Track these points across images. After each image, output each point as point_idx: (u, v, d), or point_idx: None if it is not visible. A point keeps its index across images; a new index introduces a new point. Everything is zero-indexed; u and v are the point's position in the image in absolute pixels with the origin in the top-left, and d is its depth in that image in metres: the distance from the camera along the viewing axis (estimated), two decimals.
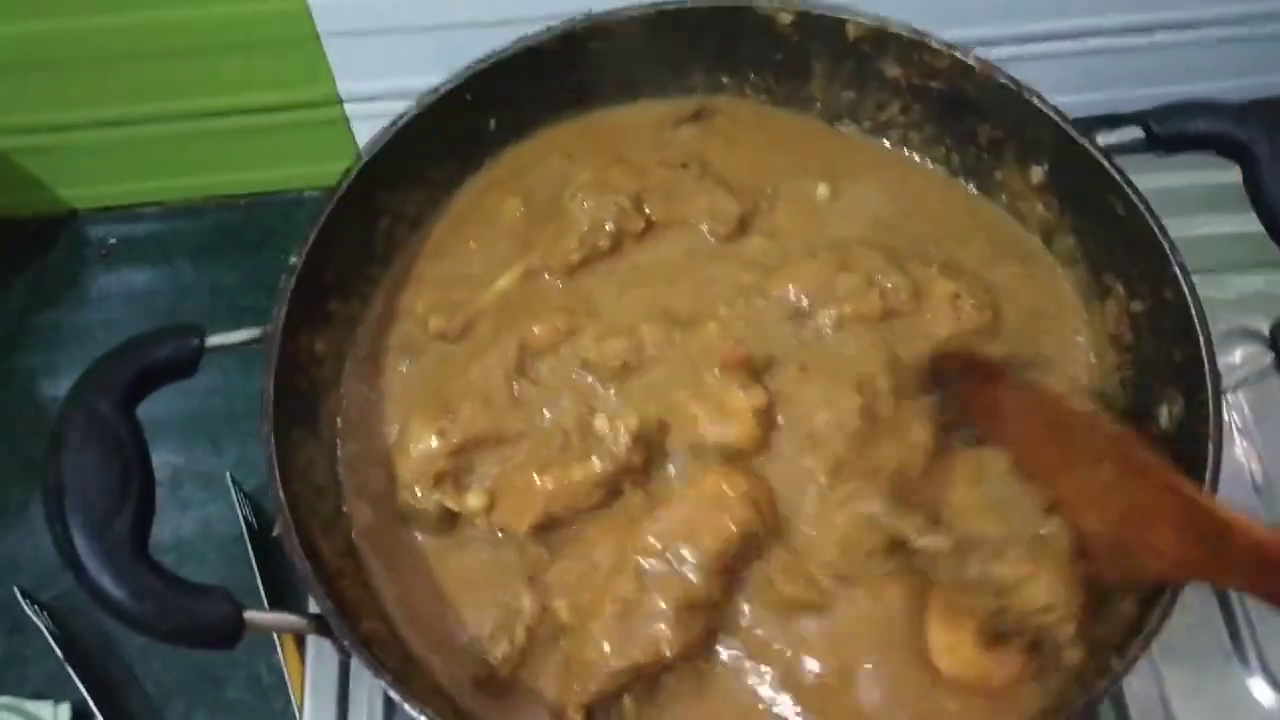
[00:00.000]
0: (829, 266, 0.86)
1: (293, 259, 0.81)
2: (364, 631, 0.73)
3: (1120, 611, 0.76)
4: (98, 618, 1.06)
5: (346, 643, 0.69)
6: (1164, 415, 0.82)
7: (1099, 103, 0.91)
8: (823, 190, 0.94)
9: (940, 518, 0.77)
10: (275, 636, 1.02)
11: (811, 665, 0.77)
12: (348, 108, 1.20)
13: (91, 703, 1.00)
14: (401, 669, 0.74)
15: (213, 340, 0.78)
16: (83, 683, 1.00)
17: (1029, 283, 0.91)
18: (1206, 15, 1.14)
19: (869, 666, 0.77)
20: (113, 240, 1.28)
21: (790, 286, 0.86)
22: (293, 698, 0.99)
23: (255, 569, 1.04)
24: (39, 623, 1.03)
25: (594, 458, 0.78)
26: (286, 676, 1.00)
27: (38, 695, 1.01)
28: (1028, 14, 1.13)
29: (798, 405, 0.83)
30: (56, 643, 1.02)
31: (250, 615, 0.70)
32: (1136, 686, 0.90)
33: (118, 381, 0.73)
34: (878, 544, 0.77)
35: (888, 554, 0.77)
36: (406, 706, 0.68)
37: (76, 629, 1.05)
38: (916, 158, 0.97)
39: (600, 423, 0.79)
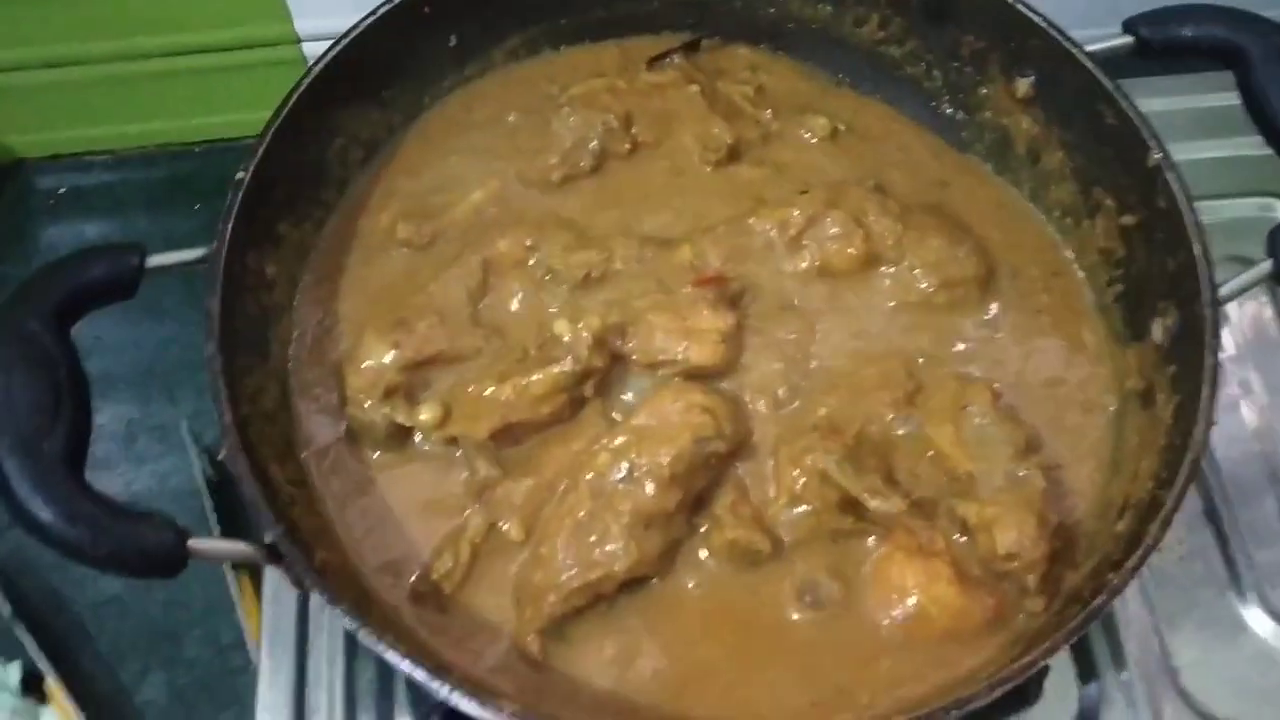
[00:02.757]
0: (818, 203, 0.84)
1: (239, 174, 0.77)
2: (318, 561, 0.69)
3: (1116, 531, 0.73)
4: (48, 574, 1.02)
5: (299, 570, 0.65)
6: (1158, 329, 0.79)
7: (1085, 17, 0.88)
8: (822, 128, 0.92)
9: (895, 476, 0.76)
10: (233, 591, 0.98)
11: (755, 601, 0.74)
12: (306, 47, 1.16)
13: (42, 662, 0.95)
14: (358, 600, 0.70)
15: (154, 260, 0.74)
16: (33, 641, 0.96)
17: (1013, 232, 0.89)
18: None
19: (809, 616, 0.74)
20: (62, 190, 1.24)
21: (775, 219, 0.84)
22: (251, 653, 0.95)
23: (213, 524, 1.00)
24: None
25: (555, 362, 0.76)
26: (245, 631, 0.96)
27: None
28: None
29: (768, 340, 0.81)
30: (6, 599, 0.97)
31: (195, 542, 0.65)
32: (1131, 615, 0.87)
33: (49, 299, 0.69)
34: (830, 500, 0.75)
35: (842, 510, 0.75)
36: (361, 636, 0.64)
37: (26, 587, 1.01)
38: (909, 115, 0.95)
39: (561, 325, 0.77)
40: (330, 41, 1.11)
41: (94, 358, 1.14)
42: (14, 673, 0.96)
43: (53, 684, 0.95)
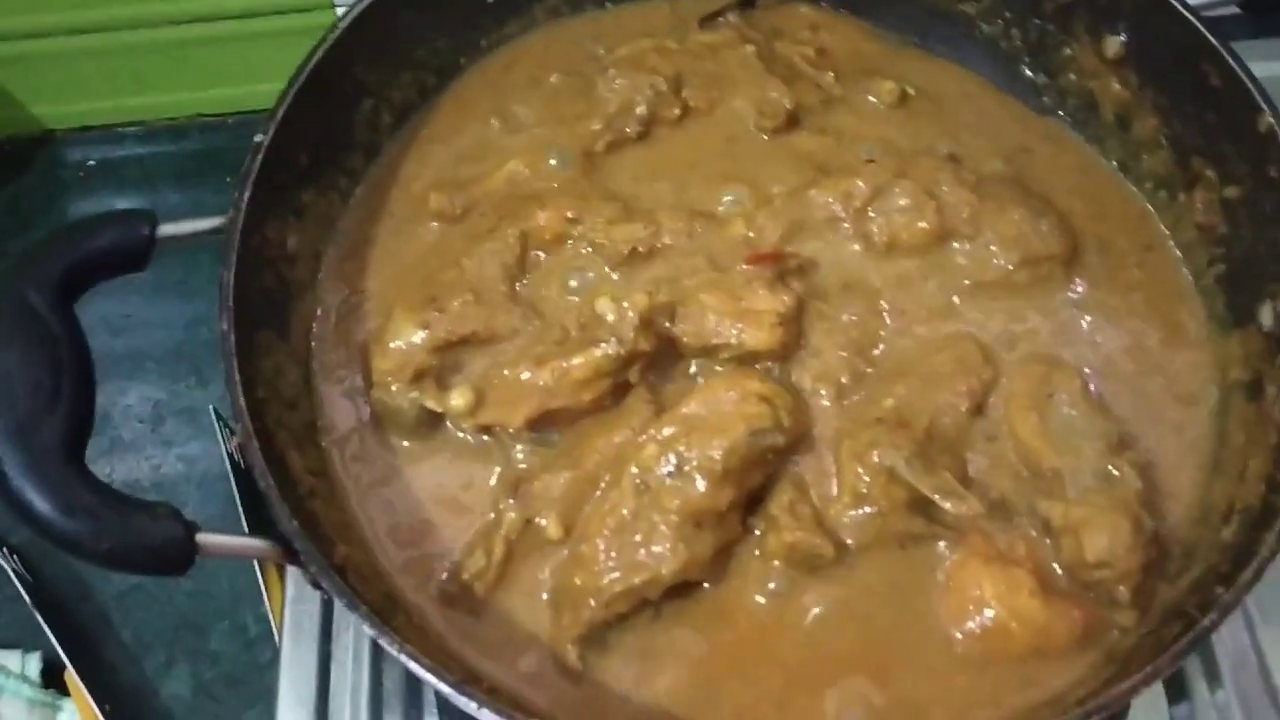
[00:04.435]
0: (885, 173, 0.77)
1: (258, 137, 0.71)
2: (339, 558, 0.64)
3: (1221, 540, 0.66)
4: (69, 562, 0.99)
5: (315, 569, 0.60)
6: (1267, 314, 0.72)
7: None
8: (889, 93, 0.85)
9: (970, 473, 0.70)
10: (262, 582, 0.94)
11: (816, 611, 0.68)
12: (341, 13, 1.10)
13: (63, 653, 0.92)
14: (381, 602, 0.65)
15: (166, 229, 0.69)
16: (54, 631, 0.93)
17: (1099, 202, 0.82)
18: None
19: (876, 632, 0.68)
20: (91, 162, 1.21)
21: (838, 191, 0.77)
22: (279, 646, 0.90)
23: (240, 509, 0.96)
24: (7, 567, 0.96)
25: (598, 344, 0.70)
26: (273, 625, 0.92)
27: (6, 645, 0.94)
28: None
29: (830, 323, 0.75)
30: (26, 589, 0.94)
31: (205, 537, 0.60)
32: (1226, 634, 0.79)
33: (52, 270, 0.64)
34: (898, 500, 0.68)
35: (911, 512, 0.68)
36: (385, 643, 0.58)
37: (48, 575, 0.98)
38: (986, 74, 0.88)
39: (604, 304, 0.71)
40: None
41: (122, 336, 1.12)
42: (34, 664, 0.93)
43: (73, 676, 0.91)
